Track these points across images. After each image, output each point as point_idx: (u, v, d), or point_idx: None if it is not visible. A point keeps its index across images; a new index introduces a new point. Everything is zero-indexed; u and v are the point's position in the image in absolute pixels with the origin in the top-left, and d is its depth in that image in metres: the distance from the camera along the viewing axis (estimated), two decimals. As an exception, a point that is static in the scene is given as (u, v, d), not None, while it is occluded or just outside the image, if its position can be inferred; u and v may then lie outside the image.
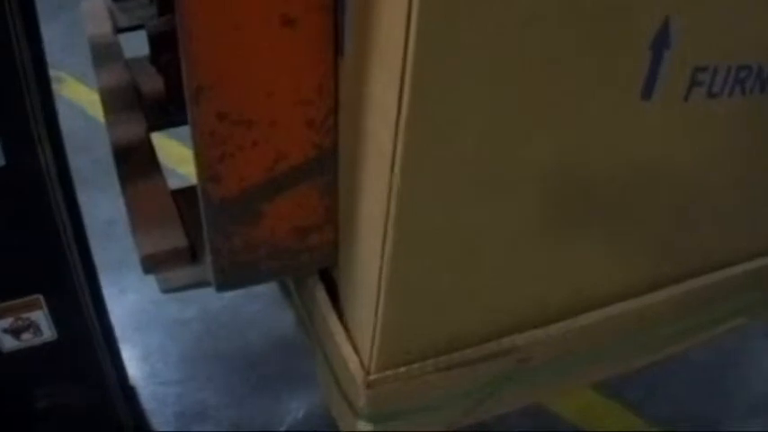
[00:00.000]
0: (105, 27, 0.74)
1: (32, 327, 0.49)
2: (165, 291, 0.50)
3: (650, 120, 0.43)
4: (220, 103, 0.41)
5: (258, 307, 1.07)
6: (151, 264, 0.48)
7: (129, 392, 0.69)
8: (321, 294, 0.50)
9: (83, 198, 0.58)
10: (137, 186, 0.53)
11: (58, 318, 0.50)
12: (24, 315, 0.48)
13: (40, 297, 0.48)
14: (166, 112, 0.60)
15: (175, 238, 0.49)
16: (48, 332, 0.50)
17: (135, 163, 0.55)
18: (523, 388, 0.53)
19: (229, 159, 0.43)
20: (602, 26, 0.39)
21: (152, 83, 0.65)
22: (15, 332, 0.49)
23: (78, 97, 1.47)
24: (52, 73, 0.52)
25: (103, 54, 0.68)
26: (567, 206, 0.45)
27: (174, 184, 0.61)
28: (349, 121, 0.44)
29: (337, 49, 0.42)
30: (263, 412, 0.97)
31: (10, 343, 0.49)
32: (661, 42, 0.40)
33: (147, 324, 1.10)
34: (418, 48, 0.35)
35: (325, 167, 0.45)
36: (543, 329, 0.50)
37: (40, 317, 0.49)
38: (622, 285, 0.52)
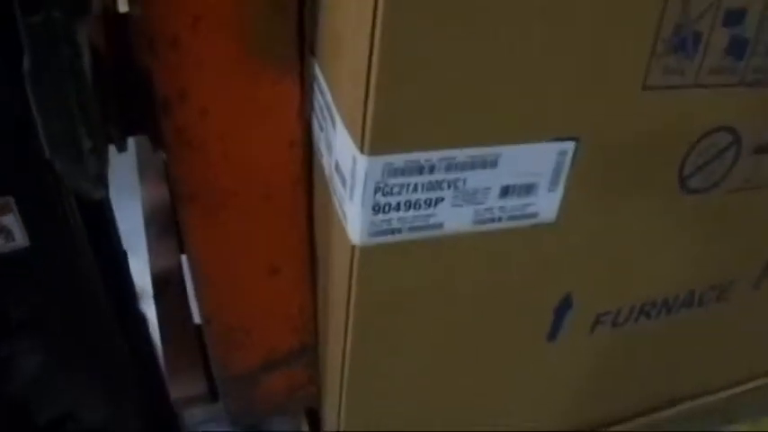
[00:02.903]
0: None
1: (3, 231, 0.49)
2: (192, 428, 0.68)
3: (556, 354, 0.58)
4: (224, 323, 0.58)
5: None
6: (179, 405, 0.67)
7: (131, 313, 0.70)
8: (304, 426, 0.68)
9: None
10: (170, 326, 0.71)
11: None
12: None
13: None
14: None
15: (198, 385, 0.67)
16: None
17: (169, 298, 0.73)
18: None
19: (234, 352, 0.61)
20: (506, 300, 0.53)
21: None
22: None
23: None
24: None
25: (147, 168, 0.85)
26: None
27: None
28: (323, 316, 0.61)
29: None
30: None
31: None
32: (563, 308, 0.55)
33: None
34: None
35: (309, 353, 0.63)
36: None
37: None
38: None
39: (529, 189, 0.45)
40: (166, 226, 0.80)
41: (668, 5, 0.42)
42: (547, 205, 0.47)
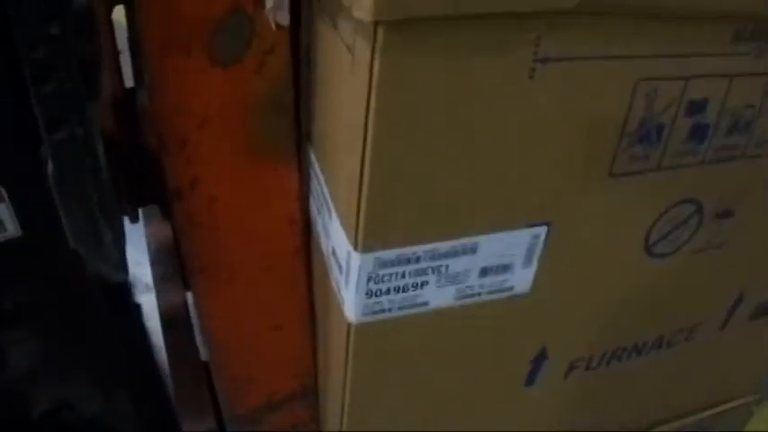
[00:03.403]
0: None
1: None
2: None
3: (534, 396, 0.64)
4: (231, 373, 0.64)
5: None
6: (188, 440, 0.74)
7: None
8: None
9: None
10: (178, 363, 0.76)
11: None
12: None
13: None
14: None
15: (207, 420, 0.73)
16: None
17: (176, 336, 0.78)
18: None
19: (240, 396, 0.66)
20: (487, 357, 0.58)
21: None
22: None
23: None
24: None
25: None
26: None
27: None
28: (323, 364, 0.66)
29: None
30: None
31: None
32: (539, 359, 0.60)
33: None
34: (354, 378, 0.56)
35: (309, 394, 0.68)
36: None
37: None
38: None
39: (505, 268, 0.51)
40: (171, 264, 0.85)
41: (633, 104, 0.47)
42: (522, 279, 0.52)
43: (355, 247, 0.45)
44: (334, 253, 0.50)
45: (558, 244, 0.52)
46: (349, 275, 0.47)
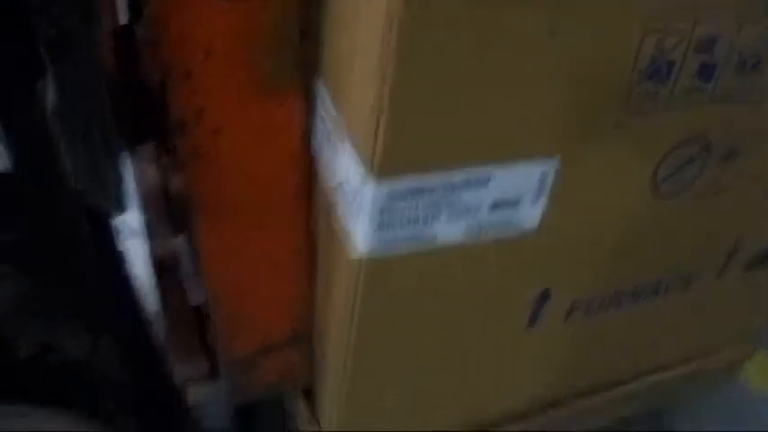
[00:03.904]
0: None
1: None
2: (194, 403, 0.74)
3: (535, 337, 0.65)
4: (228, 312, 0.64)
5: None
6: (182, 386, 0.73)
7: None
8: (301, 404, 0.75)
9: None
10: (170, 310, 0.76)
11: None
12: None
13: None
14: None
15: (200, 367, 0.73)
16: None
17: (167, 282, 0.78)
18: None
19: (235, 338, 0.67)
20: (492, 296, 0.59)
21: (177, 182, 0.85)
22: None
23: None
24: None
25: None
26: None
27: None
28: (323, 310, 0.67)
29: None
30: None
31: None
32: (542, 300, 0.61)
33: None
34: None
35: (302, 340, 0.69)
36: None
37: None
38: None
39: (515, 203, 0.51)
40: (161, 210, 0.84)
41: (644, 42, 0.48)
42: (530, 216, 0.53)
43: (370, 175, 0.45)
44: (341, 186, 0.50)
45: (568, 181, 0.52)
46: (361, 207, 0.47)
